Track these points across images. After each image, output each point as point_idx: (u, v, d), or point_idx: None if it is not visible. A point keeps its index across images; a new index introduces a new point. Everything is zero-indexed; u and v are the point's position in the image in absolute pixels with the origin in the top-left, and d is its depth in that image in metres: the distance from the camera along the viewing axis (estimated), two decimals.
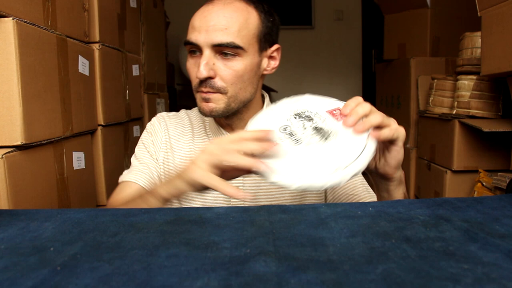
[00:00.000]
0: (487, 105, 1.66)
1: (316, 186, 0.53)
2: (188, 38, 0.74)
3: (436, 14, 2.16)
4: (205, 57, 0.72)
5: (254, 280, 0.32)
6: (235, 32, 0.72)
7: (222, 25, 0.72)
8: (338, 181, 0.53)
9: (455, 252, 0.37)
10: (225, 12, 0.73)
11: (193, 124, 0.87)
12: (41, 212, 0.53)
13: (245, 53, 0.74)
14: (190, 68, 0.76)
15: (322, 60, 3.83)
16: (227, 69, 0.73)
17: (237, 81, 0.74)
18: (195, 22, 0.74)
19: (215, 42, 0.72)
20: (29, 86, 0.85)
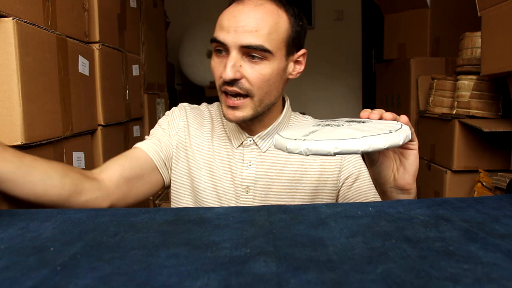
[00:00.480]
0: (487, 105, 1.66)
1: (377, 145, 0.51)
2: (216, 36, 0.73)
3: (436, 14, 2.16)
4: (232, 58, 0.71)
5: (254, 280, 0.32)
6: (265, 35, 0.71)
7: (252, 27, 0.70)
8: (397, 140, 0.52)
9: (455, 252, 0.37)
10: (256, 13, 0.71)
11: (213, 118, 0.87)
12: (41, 212, 0.53)
13: (273, 57, 0.73)
14: (215, 67, 0.75)
15: (322, 60, 3.82)
16: (254, 72, 0.72)
17: (263, 85, 0.74)
18: (224, 21, 0.73)
19: (243, 43, 0.70)
20: (29, 86, 0.85)
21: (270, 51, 0.72)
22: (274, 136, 0.59)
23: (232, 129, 0.83)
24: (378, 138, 0.51)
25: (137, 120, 1.70)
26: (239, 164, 0.81)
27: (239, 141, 0.82)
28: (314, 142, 0.51)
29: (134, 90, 1.65)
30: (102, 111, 1.29)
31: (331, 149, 0.50)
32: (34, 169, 0.63)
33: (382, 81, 2.58)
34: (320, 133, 0.54)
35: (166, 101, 2.18)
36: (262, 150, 0.81)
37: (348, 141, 0.50)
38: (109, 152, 1.35)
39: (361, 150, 0.50)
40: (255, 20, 0.71)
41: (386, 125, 0.56)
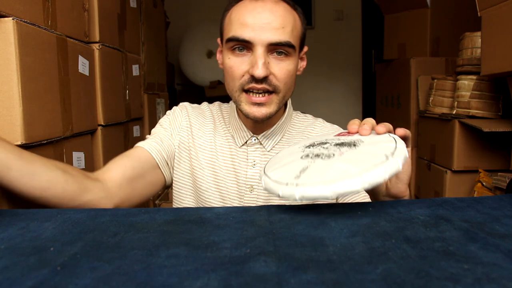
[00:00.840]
0: (487, 105, 1.66)
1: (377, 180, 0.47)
2: (239, 34, 0.71)
3: (436, 14, 2.17)
4: (261, 55, 0.70)
5: (254, 280, 0.32)
6: (290, 31, 0.72)
7: (279, 24, 0.71)
8: (396, 168, 0.48)
9: (455, 252, 0.37)
10: (279, 11, 0.72)
11: (215, 118, 0.87)
12: (41, 212, 0.53)
13: (294, 53, 0.74)
14: (235, 66, 0.73)
15: (322, 60, 3.82)
16: (281, 68, 0.73)
17: (288, 81, 0.74)
18: (247, 18, 0.71)
19: (272, 41, 0.70)
20: (29, 86, 0.85)
21: (294, 47, 0.73)
22: (262, 177, 0.56)
23: (236, 127, 0.82)
24: (377, 172, 0.47)
25: (137, 120, 1.70)
26: (243, 164, 0.81)
27: (243, 140, 0.82)
28: (309, 188, 0.47)
29: (134, 90, 1.65)
30: (102, 111, 1.29)
31: (328, 194, 0.46)
32: (35, 160, 0.61)
33: (382, 81, 2.58)
34: (312, 172, 0.50)
35: (166, 101, 2.18)
36: (266, 149, 0.81)
37: (346, 182, 0.46)
38: (109, 152, 1.35)
39: (360, 189, 0.46)
40: (280, 17, 0.71)
41: (381, 146, 0.52)
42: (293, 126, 0.86)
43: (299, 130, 0.86)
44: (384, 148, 0.51)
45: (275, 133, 0.82)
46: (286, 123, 0.84)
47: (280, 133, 0.83)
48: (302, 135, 0.85)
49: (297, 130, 0.86)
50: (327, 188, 0.46)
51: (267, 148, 0.81)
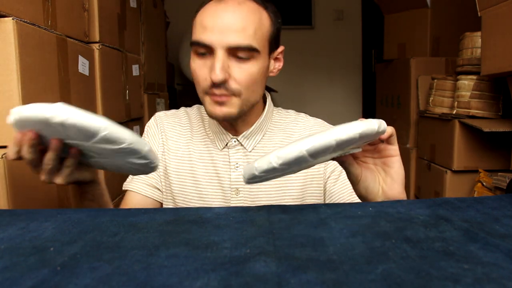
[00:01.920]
0: (487, 105, 1.66)
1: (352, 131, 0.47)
2: (199, 38, 0.70)
3: (436, 14, 2.17)
4: (219, 59, 0.68)
5: (254, 280, 0.32)
6: (252, 34, 0.69)
7: (239, 26, 0.68)
8: (372, 125, 0.48)
9: (455, 252, 0.37)
10: (240, 12, 0.69)
11: (192, 123, 0.85)
12: (41, 212, 0.53)
13: (259, 55, 0.71)
14: (197, 69, 0.72)
15: (322, 60, 3.82)
16: (242, 72, 0.70)
17: (251, 84, 0.72)
18: (207, 21, 0.69)
19: (231, 44, 0.68)
20: (29, 86, 0.85)
21: (257, 50, 0.70)
22: (242, 168, 0.55)
23: (215, 131, 0.81)
24: (351, 125, 0.47)
25: (137, 120, 1.70)
26: (225, 167, 0.79)
27: (223, 142, 0.80)
28: (282, 148, 0.47)
29: (134, 90, 1.65)
30: (102, 111, 1.29)
31: (302, 147, 0.45)
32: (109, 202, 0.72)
33: (382, 81, 2.58)
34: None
35: (166, 101, 2.18)
36: (248, 149, 0.80)
37: (319, 135, 0.46)
38: None
39: (335, 139, 0.46)
40: (241, 19, 0.69)
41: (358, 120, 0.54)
42: (275, 124, 0.84)
43: (280, 127, 0.84)
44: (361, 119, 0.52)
45: (255, 133, 0.80)
46: (266, 121, 0.82)
47: (260, 132, 0.81)
48: (284, 132, 0.83)
49: (279, 127, 0.83)
50: (300, 143, 0.46)
51: (248, 148, 0.80)
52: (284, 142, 0.82)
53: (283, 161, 0.46)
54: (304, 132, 0.83)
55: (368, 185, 0.62)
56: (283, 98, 3.74)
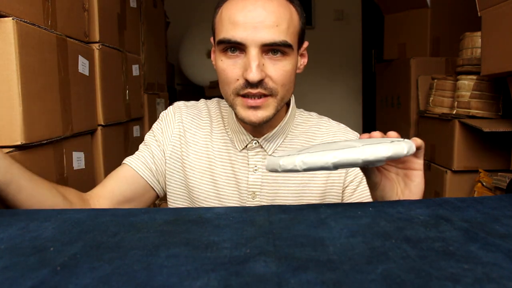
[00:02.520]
0: (487, 105, 1.66)
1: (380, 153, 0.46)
2: (230, 35, 0.65)
3: (436, 14, 2.17)
4: (254, 57, 0.64)
5: (254, 280, 0.32)
6: (285, 29, 0.66)
7: (273, 22, 0.65)
8: (401, 150, 0.47)
9: (455, 252, 0.37)
10: (272, 7, 0.65)
11: (212, 117, 0.81)
12: (41, 212, 0.53)
13: (292, 52, 0.68)
14: (227, 69, 0.68)
15: (322, 60, 3.82)
16: (277, 69, 0.67)
17: (286, 82, 0.69)
18: (237, 17, 0.65)
19: (266, 41, 0.64)
20: (29, 86, 0.85)
21: (291, 46, 0.67)
22: (266, 157, 0.55)
23: (235, 130, 0.77)
24: (380, 147, 0.46)
25: (137, 120, 1.70)
26: (243, 169, 0.76)
27: (243, 143, 0.77)
28: (309, 154, 0.46)
29: (134, 90, 1.65)
30: (102, 111, 1.29)
31: (329, 159, 0.45)
32: (43, 184, 0.64)
33: (382, 81, 2.58)
34: (316, 149, 0.51)
35: (166, 101, 2.18)
36: (268, 152, 0.77)
37: (348, 150, 0.45)
38: (109, 152, 1.35)
39: (362, 159, 0.45)
40: (274, 14, 0.65)
41: (389, 139, 0.53)
42: (296, 127, 0.81)
43: (302, 130, 0.81)
44: (393, 139, 0.52)
45: (277, 135, 0.77)
46: (288, 124, 0.79)
47: (282, 135, 0.78)
48: (306, 135, 0.80)
49: (301, 130, 0.81)
50: (328, 154, 0.45)
51: (268, 151, 0.77)
52: (305, 146, 0.78)
53: (307, 167, 0.46)
54: (327, 138, 0.80)
55: (385, 195, 0.61)
56: None
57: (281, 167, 0.48)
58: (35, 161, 0.90)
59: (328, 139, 0.80)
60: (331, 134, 0.81)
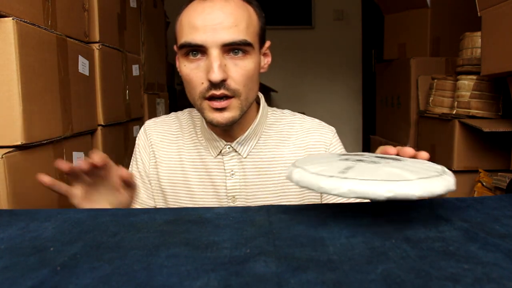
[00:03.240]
0: (487, 105, 1.66)
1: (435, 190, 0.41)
2: (190, 39, 0.66)
3: (436, 14, 2.16)
4: (216, 57, 0.65)
5: (254, 280, 0.32)
6: (244, 29, 0.67)
7: (231, 22, 0.66)
8: (452, 186, 0.43)
9: (455, 252, 0.37)
10: (230, 8, 0.67)
11: (183, 129, 0.82)
12: (41, 212, 0.53)
13: (253, 51, 0.69)
14: (191, 73, 0.69)
15: (322, 60, 3.82)
16: (238, 69, 0.68)
17: (248, 82, 0.69)
18: (196, 21, 0.66)
19: (226, 41, 0.65)
20: (29, 86, 0.85)
21: (252, 44, 0.68)
22: (293, 170, 0.47)
23: (208, 138, 0.78)
24: (436, 183, 0.42)
25: (137, 120, 1.70)
26: (220, 175, 0.77)
27: (217, 149, 0.77)
28: (359, 182, 0.40)
29: (134, 90, 1.65)
30: (102, 111, 1.29)
31: (382, 192, 0.39)
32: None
33: (382, 81, 2.57)
34: (360, 170, 0.44)
35: (166, 101, 2.18)
36: (243, 156, 0.77)
37: (402, 183, 0.40)
38: (109, 152, 1.35)
39: (417, 196, 0.40)
40: (232, 15, 0.66)
41: (428, 165, 0.48)
42: (270, 126, 0.81)
43: (276, 130, 0.80)
44: (432, 167, 0.48)
45: (250, 138, 0.77)
46: (260, 125, 0.79)
47: (255, 137, 0.78)
48: (280, 135, 0.80)
49: (274, 130, 0.80)
50: (382, 186, 0.40)
51: (243, 154, 0.77)
52: (279, 146, 0.79)
53: (356, 196, 0.41)
54: (301, 135, 0.80)
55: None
56: (283, 98, 3.74)
57: (321, 189, 0.42)
58: (35, 161, 0.90)
59: (302, 136, 0.80)
60: (305, 130, 0.80)
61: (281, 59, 3.74)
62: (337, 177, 0.42)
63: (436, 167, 0.48)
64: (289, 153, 0.79)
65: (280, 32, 3.67)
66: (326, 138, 0.80)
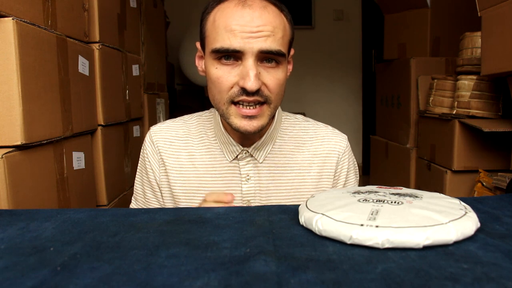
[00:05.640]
0: (487, 105, 1.66)
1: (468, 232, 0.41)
2: (227, 44, 0.65)
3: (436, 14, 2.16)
4: (252, 66, 0.65)
5: (254, 280, 0.32)
6: (280, 38, 0.67)
7: (269, 31, 0.65)
8: (478, 223, 0.43)
9: (454, 251, 0.37)
10: (268, 16, 0.66)
11: (192, 134, 0.81)
12: (41, 212, 0.53)
13: (284, 60, 0.69)
14: (222, 77, 0.67)
15: (322, 60, 3.83)
16: (271, 78, 0.67)
17: (280, 91, 0.70)
18: (234, 26, 0.65)
19: (263, 49, 0.65)
20: (29, 86, 0.85)
21: (285, 54, 0.68)
22: (313, 217, 0.44)
23: (223, 141, 0.77)
24: (466, 223, 0.41)
25: (137, 120, 1.70)
26: (236, 179, 0.77)
27: (233, 154, 0.77)
28: (394, 231, 0.39)
29: (134, 90, 1.65)
30: (102, 111, 1.29)
31: (421, 241, 0.38)
32: None
33: (382, 81, 2.58)
34: (388, 215, 0.42)
35: (166, 101, 2.18)
36: (259, 161, 0.77)
37: (437, 228, 0.39)
38: (109, 152, 1.35)
39: (454, 241, 0.39)
40: (270, 23, 0.66)
41: (447, 201, 0.48)
42: (284, 131, 0.81)
43: (290, 135, 0.81)
44: (452, 202, 0.47)
45: (266, 143, 0.77)
46: (276, 130, 0.79)
47: (271, 142, 0.78)
48: (294, 140, 0.80)
49: (289, 135, 0.81)
50: (419, 234, 0.38)
51: (259, 160, 0.77)
52: (294, 152, 0.79)
53: (392, 246, 0.39)
54: (316, 142, 0.81)
55: None
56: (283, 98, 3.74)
57: (354, 241, 0.39)
58: (35, 161, 0.90)
59: (317, 144, 0.80)
60: (320, 138, 0.81)
61: None
62: (368, 225, 0.40)
63: (455, 202, 0.48)
64: (303, 159, 0.79)
65: None
66: (340, 147, 0.81)
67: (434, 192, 0.53)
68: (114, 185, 1.38)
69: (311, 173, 0.79)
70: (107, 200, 1.32)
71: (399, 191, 0.52)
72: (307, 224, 0.45)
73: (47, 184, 0.94)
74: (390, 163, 2.38)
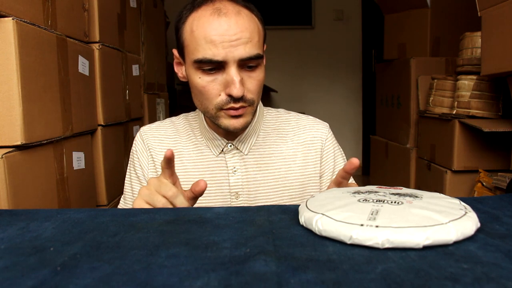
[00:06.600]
0: (487, 105, 1.66)
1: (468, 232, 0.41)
2: (211, 56, 0.67)
3: (436, 14, 2.17)
4: (236, 74, 0.68)
5: (254, 280, 0.32)
6: (257, 42, 0.70)
7: (247, 38, 0.68)
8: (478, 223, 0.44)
9: (454, 251, 0.37)
10: (243, 22, 0.69)
11: (180, 132, 0.84)
12: (41, 212, 0.53)
13: (262, 60, 0.73)
14: (207, 86, 0.70)
15: (322, 60, 3.83)
16: (253, 81, 0.71)
17: (260, 91, 0.74)
18: (213, 36, 0.67)
19: (244, 57, 0.68)
20: (29, 86, 0.85)
21: (263, 56, 0.72)
22: (313, 217, 0.45)
23: (209, 137, 0.81)
24: (466, 223, 0.41)
25: (137, 120, 1.70)
26: (223, 172, 0.80)
27: (219, 148, 0.80)
28: (394, 230, 0.39)
29: (134, 90, 1.65)
30: (102, 111, 1.29)
31: (421, 241, 0.39)
32: None
33: (382, 81, 2.58)
34: (388, 215, 0.42)
35: (166, 101, 2.18)
36: (244, 153, 0.81)
37: (437, 228, 0.40)
38: (109, 152, 1.35)
39: (454, 240, 0.40)
40: (246, 30, 0.68)
41: (447, 201, 0.48)
42: (267, 124, 0.85)
43: (273, 127, 0.85)
44: (452, 202, 0.48)
45: (250, 135, 0.81)
46: (258, 123, 0.83)
47: (254, 134, 0.82)
48: (277, 132, 0.84)
49: (272, 127, 0.85)
50: (419, 234, 0.39)
51: (244, 151, 0.81)
52: (278, 142, 0.83)
53: (392, 246, 0.39)
54: (298, 132, 0.85)
55: None
56: (283, 98, 3.74)
57: (355, 240, 0.40)
58: (35, 161, 0.90)
59: (300, 133, 0.84)
60: (301, 127, 0.85)
61: (281, 59, 3.74)
62: (368, 225, 0.40)
63: (454, 202, 0.48)
64: (288, 149, 0.83)
65: (280, 32, 3.67)
66: (322, 133, 0.85)
67: (434, 192, 0.53)
68: (114, 185, 1.38)
69: (296, 161, 0.82)
70: (107, 200, 1.32)
71: (399, 191, 0.53)
72: (307, 224, 0.45)
73: (47, 184, 0.95)
74: (390, 163, 2.38)
